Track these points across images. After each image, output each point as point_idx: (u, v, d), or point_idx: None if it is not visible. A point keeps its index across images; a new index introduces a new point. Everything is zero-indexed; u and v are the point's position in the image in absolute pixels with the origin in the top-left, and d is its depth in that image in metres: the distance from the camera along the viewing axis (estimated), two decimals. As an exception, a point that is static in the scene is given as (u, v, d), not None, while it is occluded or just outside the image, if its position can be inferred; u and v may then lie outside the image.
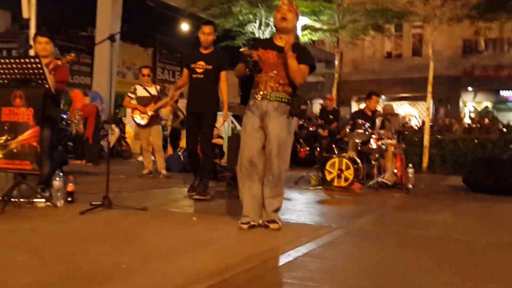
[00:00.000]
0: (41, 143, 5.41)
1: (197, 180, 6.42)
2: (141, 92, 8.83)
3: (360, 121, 8.15)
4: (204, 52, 6.39)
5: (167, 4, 17.28)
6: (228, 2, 13.42)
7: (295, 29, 4.64)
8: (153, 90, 8.85)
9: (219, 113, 6.56)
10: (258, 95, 4.42)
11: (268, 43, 4.61)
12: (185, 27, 21.60)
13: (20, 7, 10.02)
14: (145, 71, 9.04)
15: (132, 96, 8.87)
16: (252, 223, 4.40)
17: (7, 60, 5.22)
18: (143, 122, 8.70)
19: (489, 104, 28.30)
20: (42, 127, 5.35)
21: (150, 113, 8.63)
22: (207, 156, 6.41)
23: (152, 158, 9.16)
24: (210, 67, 6.28)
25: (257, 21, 13.84)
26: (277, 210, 4.50)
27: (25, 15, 9.88)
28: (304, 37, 14.37)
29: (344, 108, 25.88)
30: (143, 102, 8.70)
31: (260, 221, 4.46)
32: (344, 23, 14.00)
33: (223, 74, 6.39)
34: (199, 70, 6.30)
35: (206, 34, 6.32)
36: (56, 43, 22.73)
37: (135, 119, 8.78)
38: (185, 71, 6.53)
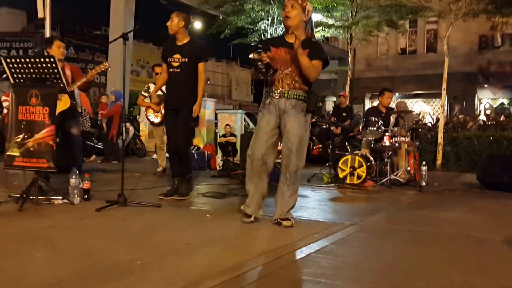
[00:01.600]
0: (74, 139, 6.18)
1: (177, 181, 6.16)
2: None
3: (373, 118, 8.17)
4: (179, 44, 6.04)
5: (180, 2, 17.34)
6: (241, 0, 13.45)
7: (306, 23, 4.55)
8: None
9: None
10: (275, 93, 4.45)
11: (279, 41, 4.64)
12: (197, 25, 21.67)
13: (35, 7, 10.16)
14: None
15: (146, 94, 8.97)
16: (256, 218, 4.54)
17: (23, 60, 5.32)
18: (156, 120, 8.81)
19: (505, 101, 28.07)
20: (72, 125, 6.06)
21: (163, 111, 8.70)
22: (183, 153, 6.13)
23: (166, 155, 9.25)
24: (186, 59, 5.94)
25: (269, 18, 13.86)
26: (291, 208, 4.56)
27: (40, 14, 10.02)
28: (317, 33, 14.38)
29: (357, 106, 25.88)
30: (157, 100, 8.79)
31: (260, 217, 4.60)
32: (357, 19, 13.98)
33: (200, 65, 6.00)
34: (175, 64, 5.99)
35: (170, 22, 6.00)
36: (71, 42, 23.01)
37: (149, 117, 8.91)
38: (164, 66, 6.20)
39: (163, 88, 8.78)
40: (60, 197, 5.38)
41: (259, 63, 4.29)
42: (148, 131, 13.77)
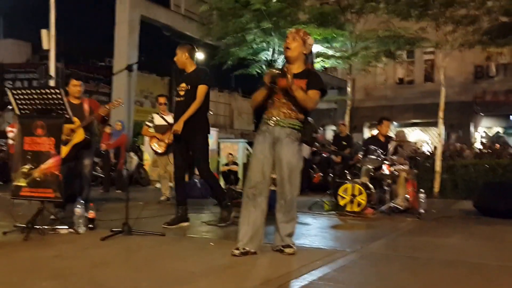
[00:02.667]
0: (84, 170, 6.36)
1: (181, 210, 6.17)
2: (158, 120, 8.98)
3: (372, 147, 8.24)
4: (186, 73, 6.14)
5: (183, 34, 17.58)
6: (242, 31, 13.59)
7: (307, 56, 4.62)
8: (170, 118, 8.93)
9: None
10: (271, 121, 4.49)
11: (280, 72, 4.74)
12: (200, 56, 21.93)
13: (40, 38, 10.31)
14: (162, 99, 9.22)
15: (150, 124, 9.03)
16: (245, 249, 4.36)
17: (28, 91, 5.36)
18: (160, 150, 8.85)
19: (500, 130, 28.16)
20: (85, 157, 6.32)
21: (167, 141, 8.73)
22: (212, 181, 6.21)
23: (170, 184, 9.28)
24: (189, 87, 5.99)
25: (271, 49, 14.00)
26: (290, 234, 4.56)
27: (45, 46, 10.18)
28: (317, 64, 14.49)
29: (356, 134, 25.90)
30: (161, 130, 8.85)
31: (253, 250, 4.40)
32: (356, 50, 14.10)
33: (199, 87, 5.96)
34: (181, 93, 6.04)
35: (175, 57, 6.11)
36: (74, 73, 23.20)
37: (153, 147, 8.94)
38: None
39: (167, 118, 8.91)
40: (66, 227, 5.40)
41: (272, 83, 4.33)
42: (151, 160, 13.81)
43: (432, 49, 19.95)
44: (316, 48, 13.37)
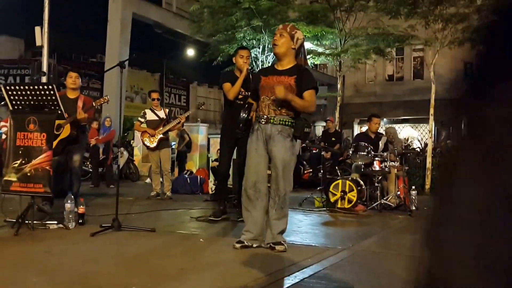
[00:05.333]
0: (74, 165, 6.29)
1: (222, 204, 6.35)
2: (150, 115, 8.93)
3: (363, 143, 8.20)
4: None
5: (174, 31, 17.53)
6: (233, 29, 13.59)
7: (298, 51, 4.55)
8: (162, 114, 8.96)
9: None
10: (262, 119, 4.47)
11: (269, 70, 4.72)
12: (191, 52, 21.91)
13: (33, 35, 10.20)
14: (154, 95, 9.14)
15: (142, 120, 8.94)
16: (246, 243, 4.45)
17: (22, 87, 5.33)
18: (152, 145, 8.78)
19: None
20: (74, 152, 6.25)
21: (159, 136, 8.72)
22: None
23: (161, 180, 9.23)
24: (248, 93, 5.83)
25: (261, 46, 13.99)
26: (282, 232, 4.53)
27: (38, 42, 10.08)
28: (307, 61, 14.50)
29: (346, 131, 25.96)
30: (153, 125, 8.80)
31: (262, 244, 4.49)
32: (346, 47, 14.10)
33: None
34: (240, 96, 6.04)
35: (245, 58, 6.11)
36: (66, 69, 23.01)
37: (145, 142, 8.86)
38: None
39: (159, 113, 8.86)
40: (55, 222, 5.34)
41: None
42: (142, 155, 13.75)
43: (421, 46, 19.98)
44: (306, 45, 13.36)
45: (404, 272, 3.97)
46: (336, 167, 10.41)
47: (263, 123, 4.47)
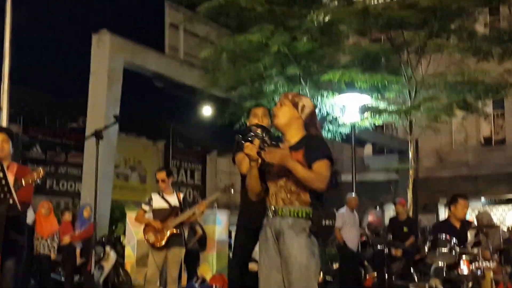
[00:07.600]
0: (4, 279, 5.60)
1: None
2: (157, 202, 8.78)
3: (443, 236, 8.09)
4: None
5: (182, 84, 17.63)
6: (260, 79, 13.75)
7: (304, 121, 4.73)
8: (174, 199, 8.81)
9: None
10: (270, 211, 4.55)
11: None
12: (206, 112, 21.68)
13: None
14: (160, 175, 8.83)
15: (146, 208, 8.76)
16: None
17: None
18: (158, 243, 8.52)
19: None
20: (5, 258, 5.55)
21: (168, 231, 8.54)
22: None
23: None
24: None
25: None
26: None
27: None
28: (364, 121, 14.49)
29: (427, 216, 25.62)
30: (160, 216, 8.58)
31: None
32: (418, 101, 14.13)
33: None
34: None
35: (260, 117, 6.19)
36: (36, 138, 23.34)
37: (149, 239, 8.59)
38: None
39: (169, 199, 8.74)
40: None
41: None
42: (136, 257, 13.65)
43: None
44: (362, 100, 13.42)
45: None
46: (411, 269, 10.27)
47: (271, 216, 4.53)
